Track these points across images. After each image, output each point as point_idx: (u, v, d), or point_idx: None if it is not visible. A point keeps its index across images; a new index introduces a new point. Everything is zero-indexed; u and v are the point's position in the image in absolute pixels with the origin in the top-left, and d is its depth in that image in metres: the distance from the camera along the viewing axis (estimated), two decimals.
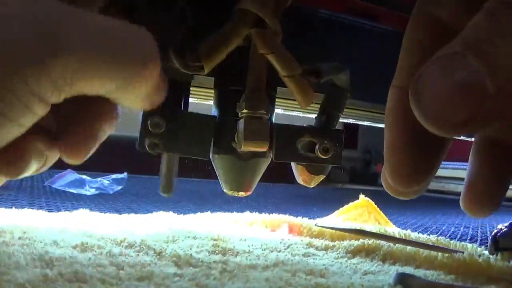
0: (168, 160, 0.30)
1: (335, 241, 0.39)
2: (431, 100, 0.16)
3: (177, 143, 0.28)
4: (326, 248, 0.37)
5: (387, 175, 0.23)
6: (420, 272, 0.31)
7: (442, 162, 0.23)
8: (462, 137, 0.53)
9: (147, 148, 0.27)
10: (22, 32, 0.19)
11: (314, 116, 0.31)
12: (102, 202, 0.70)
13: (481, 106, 0.15)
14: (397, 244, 0.36)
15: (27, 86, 0.19)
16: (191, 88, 0.32)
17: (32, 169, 0.29)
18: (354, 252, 0.36)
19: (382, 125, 0.24)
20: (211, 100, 0.32)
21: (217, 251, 0.33)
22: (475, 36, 0.16)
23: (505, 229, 0.37)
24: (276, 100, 0.32)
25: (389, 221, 0.53)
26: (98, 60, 0.21)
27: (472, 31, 0.16)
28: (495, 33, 0.15)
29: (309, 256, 0.34)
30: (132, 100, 0.25)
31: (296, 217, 0.47)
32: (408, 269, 0.32)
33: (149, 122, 0.27)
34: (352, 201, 0.53)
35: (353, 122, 0.53)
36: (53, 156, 0.32)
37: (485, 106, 0.15)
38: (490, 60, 0.15)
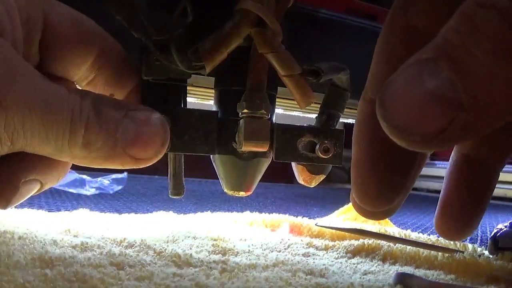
0: (175, 160, 0.29)
1: (335, 241, 0.39)
2: (399, 110, 0.14)
3: (182, 142, 0.27)
4: (326, 248, 0.37)
5: (353, 194, 0.21)
6: (420, 272, 0.31)
7: (442, 163, 0.22)
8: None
9: None
10: None
11: (314, 116, 0.31)
12: (102, 202, 0.70)
13: (453, 118, 0.13)
14: (397, 244, 0.36)
15: None
16: (191, 88, 0.32)
17: None
18: (354, 252, 0.36)
19: None
20: (211, 100, 0.32)
21: (217, 251, 0.33)
22: (448, 41, 0.14)
23: (505, 229, 0.37)
24: (276, 100, 0.32)
25: (389, 221, 0.53)
26: (31, 121, 0.20)
27: (446, 35, 0.14)
28: (470, 38, 0.13)
29: (309, 256, 0.34)
30: (90, 163, 0.24)
31: (296, 217, 0.47)
32: (408, 269, 0.32)
33: None
34: None
35: (353, 122, 0.53)
36: None
37: (458, 118, 0.13)
38: (463, 68, 0.13)
